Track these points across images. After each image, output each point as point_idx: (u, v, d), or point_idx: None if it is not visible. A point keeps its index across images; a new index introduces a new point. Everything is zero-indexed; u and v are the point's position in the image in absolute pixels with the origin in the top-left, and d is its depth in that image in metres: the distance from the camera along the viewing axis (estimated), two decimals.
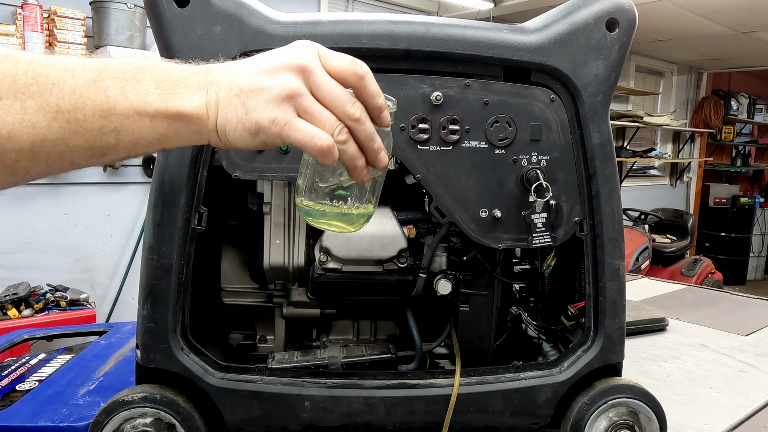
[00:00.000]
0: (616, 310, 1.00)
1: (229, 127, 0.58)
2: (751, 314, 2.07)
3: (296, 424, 0.96)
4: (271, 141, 0.59)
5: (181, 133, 0.57)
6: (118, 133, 0.53)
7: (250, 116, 0.57)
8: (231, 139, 0.59)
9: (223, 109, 0.58)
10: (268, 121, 0.57)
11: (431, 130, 0.94)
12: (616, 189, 0.99)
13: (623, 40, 0.96)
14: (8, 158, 0.48)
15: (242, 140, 0.59)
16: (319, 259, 1.04)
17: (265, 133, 0.57)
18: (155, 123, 0.55)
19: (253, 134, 0.58)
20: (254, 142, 0.59)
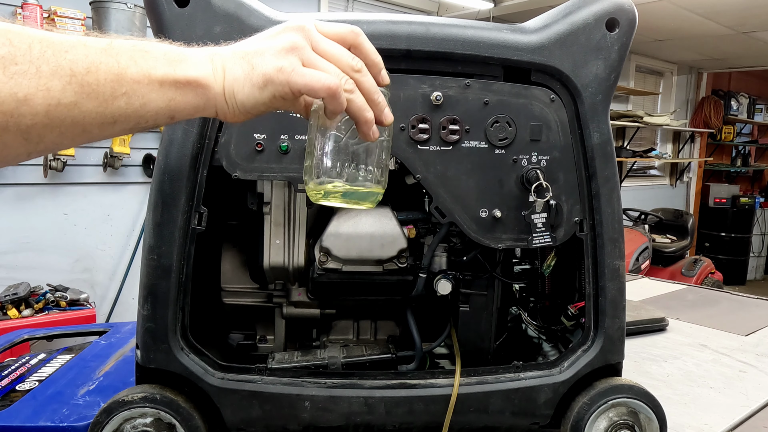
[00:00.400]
0: (616, 310, 1.00)
1: (237, 85, 0.59)
2: (751, 314, 2.07)
3: (296, 424, 0.96)
4: (280, 91, 0.59)
5: (189, 100, 0.58)
6: (128, 98, 0.54)
7: (257, 70, 0.59)
8: (240, 99, 0.59)
9: (230, 70, 0.59)
10: (275, 70, 0.58)
11: (431, 130, 0.94)
12: (616, 189, 0.99)
13: (623, 40, 0.96)
14: (24, 123, 0.49)
15: (251, 97, 0.59)
16: (319, 259, 1.04)
17: (272, 83, 0.58)
18: (164, 90, 0.56)
19: (261, 87, 0.59)
20: (263, 96, 0.59)
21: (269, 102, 0.60)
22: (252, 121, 0.92)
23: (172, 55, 0.58)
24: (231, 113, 0.61)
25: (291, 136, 0.92)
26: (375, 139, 0.64)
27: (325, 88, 0.59)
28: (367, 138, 0.63)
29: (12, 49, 0.48)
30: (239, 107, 0.60)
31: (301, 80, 0.58)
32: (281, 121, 0.92)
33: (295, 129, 0.93)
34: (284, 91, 0.59)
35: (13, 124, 0.48)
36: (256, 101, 0.60)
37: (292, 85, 0.59)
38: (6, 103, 0.47)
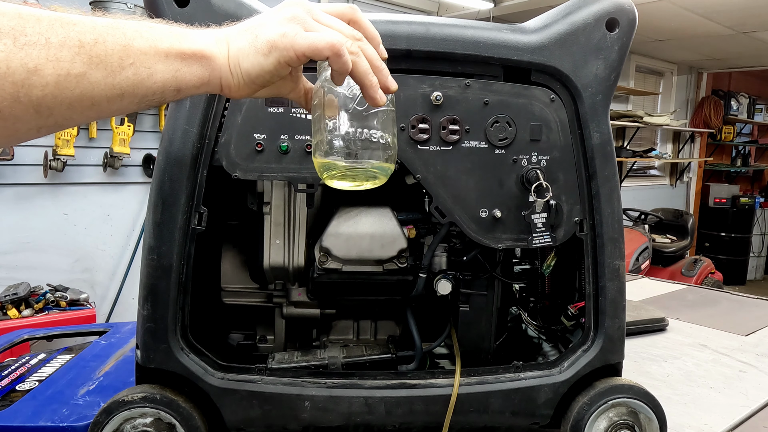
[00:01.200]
0: (616, 310, 1.00)
1: (242, 55, 0.60)
2: (751, 314, 2.07)
3: (296, 424, 0.96)
4: (285, 56, 0.60)
5: (195, 71, 0.59)
6: (135, 69, 0.55)
7: (260, 38, 0.60)
8: (245, 67, 0.60)
9: (234, 41, 0.61)
10: (278, 35, 0.60)
11: (431, 130, 0.94)
12: (616, 189, 0.99)
13: (623, 40, 0.96)
14: (34, 94, 0.49)
15: (256, 64, 0.60)
16: (319, 259, 1.04)
17: (277, 48, 0.60)
18: (169, 61, 0.57)
19: (266, 54, 0.60)
20: (268, 62, 0.60)
21: (274, 69, 0.61)
22: (252, 121, 0.92)
23: (177, 31, 0.60)
24: (236, 85, 0.62)
25: (291, 136, 0.92)
26: (383, 104, 0.64)
27: (329, 46, 0.60)
28: (374, 102, 0.64)
29: (21, 21, 0.49)
30: (244, 77, 0.61)
31: (305, 41, 0.60)
32: (281, 121, 0.92)
33: (295, 129, 0.93)
34: (289, 55, 0.60)
35: (24, 95, 0.49)
36: (262, 68, 0.61)
37: (296, 47, 0.60)
38: (17, 73, 0.48)
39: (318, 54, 0.60)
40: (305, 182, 0.94)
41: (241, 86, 0.62)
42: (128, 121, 3.25)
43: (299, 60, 0.61)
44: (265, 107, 0.92)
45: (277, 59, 0.60)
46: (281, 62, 0.61)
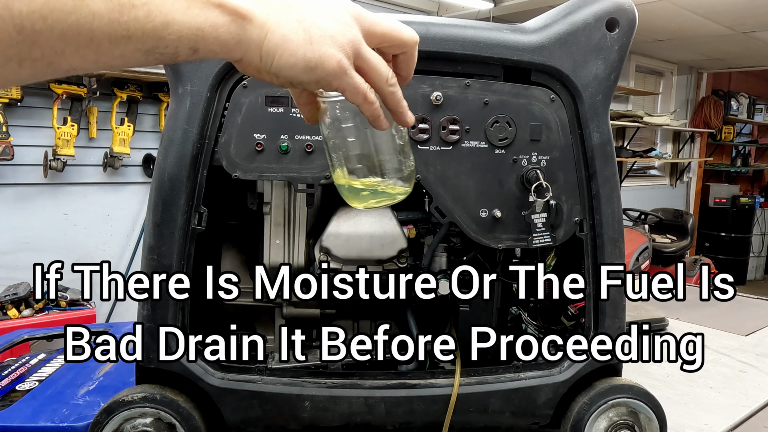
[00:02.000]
0: (616, 310, 1.00)
1: (285, 49, 0.52)
2: (751, 314, 2.07)
3: (296, 424, 0.96)
4: (324, 81, 0.54)
5: (221, 32, 0.49)
6: (149, 10, 0.45)
7: (314, 47, 0.53)
8: (280, 63, 0.52)
9: (280, 25, 0.52)
10: (335, 60, 0.53)
11: (431, 130, 0.94)
12: (616, 189, 0.99)
13: (623, 40, 0.96)
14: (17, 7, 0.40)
15: (294, 69, 0.53)
16: (319, 259, 1.04)
17: (324, 70, 0.53)
18: (194, 11, 0.47)
19: (311, 68, 0.53)
20: (306, 76, 0.54)
21: (306, 84, 0.55)
22: (252, 121, 0.92)
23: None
24: (254, 69, 0.54)
25: (291, 136, 0.93)
26: (411, 124, 0.64)
27: (365, 98, 0.57)
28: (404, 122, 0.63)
29: None
30: (272, 69, 0.53)
31: (351, 81, 0.55)
32: (281, 121, 0.92)
33: (295, 129, 0.93)
34: (328, 82, 0.55)
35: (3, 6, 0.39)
36: (296, 76, 0.54)
37: (340, 81, 0.55)
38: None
39: (354, 98, 0.57)
40: (305, 182, 0.94)
41: (260, 73, 0.54)
42: (128, 121, 3.25)
43: (332, 88, 0.56)
44: (265, 107, 0.92)
45: (318, 79, 0.54)
46: (318, 83, 0.55)
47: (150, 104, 3.41)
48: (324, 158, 0.93)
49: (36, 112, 3.03)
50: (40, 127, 3.04)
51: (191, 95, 0.90)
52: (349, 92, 0.56)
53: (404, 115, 0.63)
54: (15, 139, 2.90)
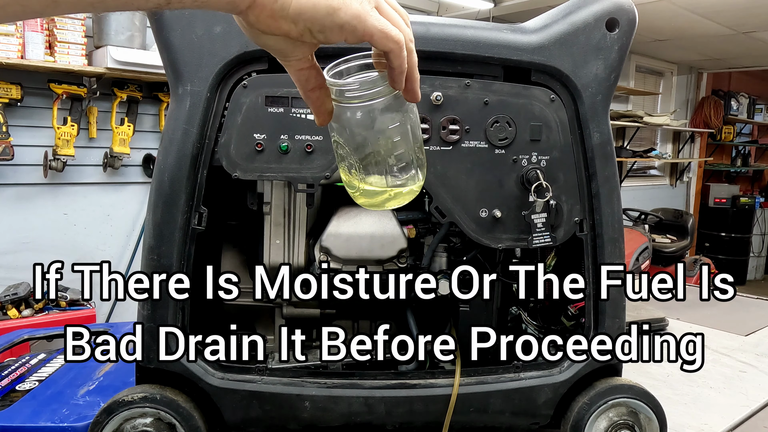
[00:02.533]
0: (616, 310, 1.00)
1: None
2: (751, 314, 2.07)
3: (296, 424, 0.96)
4: (349, 26, 0.50)
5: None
6: None
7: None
8: (298, 6, 0.47)
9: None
10: (357, 2, 0.49)
11: (431, 130, 0.94)
12: (616, 189, 0.99)
13: (623, 40, 0.96)
14: None
15: (316, 10, 0.48)
16: (319, 259, 1.04)
17: (347, 11, 0.49)
18: None
19: (334, 10, 0.48)
20: (328, 19, 0.49)
21: (329, 29, 0.49)
22: (252, 121, 0.92)
23: None
24: (268, 14, 0.47)
25: (291, 136, 0.92)
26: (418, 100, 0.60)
27: (398, 40, 0.52)
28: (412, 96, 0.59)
29: None
30: (290, 12, 0.48)
31: (378, 23, 0.50)
32: (281, 121, 0.92)
33: (295, 129, 0.93)
34: (353, 26, 0.49)
35: None
36: (317, 19, 0.48)
37: (367, 24, 0.50)
38: None
39: (384, 43, 0.51)
40: (305, 182, 0.94)
41: (275, 18, 0.48)
42: (128, 121, 3.25)
43: (357, 38, 0.50)
44: (265, 107, 0.92)
45: (341, 22, 0.49)
46: (343, 28, 0.49)
47: (150, 104, 3.41)
48: (324, 158, 0.93)
49: (36, 112, 3.03)
50: (40, 127, 3.04)
51: (191, 95, 0.90)
52: (377, 37, 0.51)
53: (416, 85, 0.58)
54: (15, 139, 2.91)
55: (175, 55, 0.89)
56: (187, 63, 0.89)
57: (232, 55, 0.89)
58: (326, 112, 0.57)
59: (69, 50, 2.91)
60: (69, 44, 2.92)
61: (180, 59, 0.89)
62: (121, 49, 2.98)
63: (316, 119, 0.58)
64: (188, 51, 0.88)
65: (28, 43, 2.81)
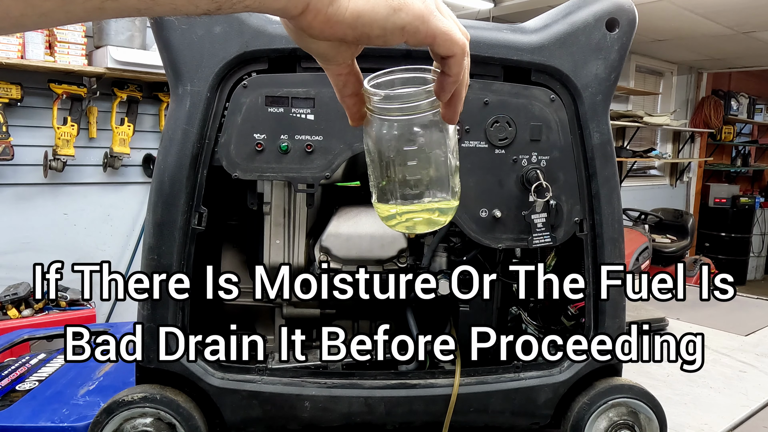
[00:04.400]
0: (616, 310, 1.00)
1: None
2: (751, 314, 2.07)
3: (296, 424, 0.96)
4: (412, 27, 0.47)
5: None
6: None
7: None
8: (356, 8, 0.44)
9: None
10: (420, 1, 0.46)
11: None
12: (616, 189, 0.99)
13: (623, 40, 0.96)
14: None
15: (375, 11, 0.45)
16: (319, 259, 1.04)
17: (410, 11, 0.46)
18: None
19: (394, 9, 0.45)
20: (390, 20, 0.45)
21: (389, 31, 0.46)
22: (252, 121, 0.92)
23: None
24: (323, 19, 0.44)
25: (291, 136, 0.92)
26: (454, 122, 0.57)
27: (462, 44, 0.49)
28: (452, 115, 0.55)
29: None
30: (347, 15, 0.44)
31: (442, 25, 0.47)
32: (281, 121, 0.92)
33: (295, 129, 0.93)
34: (415, 27, 0.46)
35: None
36: (377, 21, 0.45)
37: (430, 25, 0.47)
38: None
39: (448, 46, 0.48)
40: (305, 182, 0.94)
41: (330, 23, 0.44)
42: (128, 121, 3.25)
43: (419, 40, 0.47)
44: (265, 107, 0.92)
45: (403, 24, 0.46)
46: (404, 30, 0.46)
47: (150, 104, 3.41)
48: (324, 158, 0.93)
49: (36, 112, 3.03)
50: (40, 127, 3.04)
51: (191, 95, 0.90)
52: (440, 39, 0.48)
53: (460, 105, 0.55)
54: (15, 139, 2.91)
55: (175, 55, 0.89)
56: (187, 63, 0.89)
57: (232, 55, 0.89)
58: (360, 117, 0.55)
59: (69, 50, 2.91)
60: (69, 44, 2.92)
61: (180, 59, 0.89)
62: (121, 49, 2.98)
63: (350, 121, 0.56)
64: (188, 51, 0.88)
65: (28, 43, 2.81)
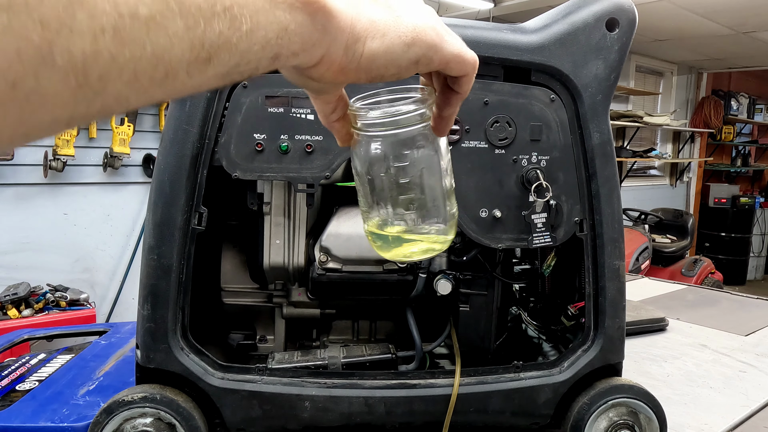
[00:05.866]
0: (616, 310, 1.00)
1: (376, 31, 0.45)
2: (751, 314, 2.07)
3: (296, 424, 0.96)
4: (426, 58, 0.47)
5: (303, 31, 0.41)
6: (232, 17, 0.35)
7: (404, 20, 0.46)
8: (372, 48, 0.45)
9: (365, 8, 0.45)
10: (428, 27, 0.47)
11: None
12: (616, 189, 0.99)
13: (623, 40, 0.96)
14: (77, 48, 0.28)
15: (390, 51, 0.45)
16: (319, 259, 1.04)
17: (423, 43, 0.46)
18: (276, 11, 0.39)
19: (408, 44, 0.46)
20: (405, 56, 0.46)
21: (405, 66, 0.47)
22: (252, 121, 0.92)
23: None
24: (338, 67, 0.45)
25: (291, 136, 0.92)
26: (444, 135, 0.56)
27: (474, 62, 0.50)
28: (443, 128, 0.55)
29: None
30: (364, 59, 0.45)
31: (454, 48, 0.48)
32: (281, 121, 0.92)
33: (295, 129, 0.93)
34: (430, 57, 0.47)
35: (62, 50, 0.27)
36: (392, 59, 0.46)
37: (444, 51, 0.48)
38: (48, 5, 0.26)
39: (461, 68, 0.49)
40: (305, 182, 0.94)
41: (346, 70, 0.45)
42: (128, 121, 3.25)
43: (431, 69, 0.49)
44: (265, 107, 0.92)
45: (417, 58, 0.47)
46: (418, 63, 0.47)
47: None
48: (324, 158, 0.93)
49: None
50: None
51: (191, 95, 0.90)
52: (453, 63, 0.49)
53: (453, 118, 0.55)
54: None
55: None
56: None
57: None
58: (348, 138, 0.55)
59: None
60: None
61: None
62: None
63: (338, 142, 0.56)
64: None
65: None
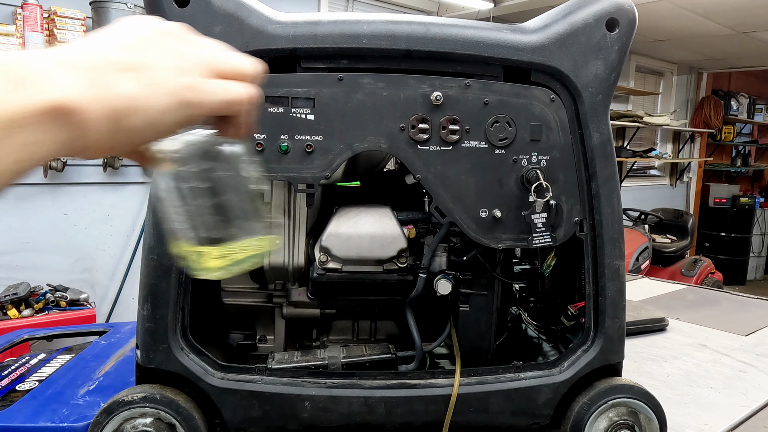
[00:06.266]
0: (616, 310, 1.00)
1: (133, 109, 0.43)
2: (751, 314, 2.07)
3: (296, 424, 0.96)
4: (192, 116, 0.46)
5: (54, 137, 0.40)
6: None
7: (160, 87, 0.44)
8: (134, 124, 0.43)
9: (115, 84, 0.42)
10: (183, 86, 0.45)
11: (431, 130, 0.94)
12: (616, 189, 0.99)
13: (623, 40, 0.96)
14: None
15: (154, 124, 0.44)
16: (319, 259, 1.04)
17: (183, 104, 0.45)
18: (12, 133, 0.38)
19: (168, 111, 0.44)
20: (170, 123, 0.45)
21: (172, 130, 0.46)
22: None
23: (13, 72, 0.38)
24: (100, 146, 0.43)
25: (291, 136, 0.92)
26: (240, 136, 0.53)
27: (247, 98, 0.48)
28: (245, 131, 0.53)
29: None
30: (126, 136, 0.43)
31: (216, 97, 0.47)
32: (281, 121, 0.92)
33: (295, 129, 0.93)
34: (193, 114, 0.46)
35: None
36: (158, 130, 0.45)
37: (207, 105, 0.46)
38: None
39: (231, 110, 0.48)
40: (305, 182, 0.94)
41: (108, 148, 0.44)
42: None
43: (201, 119, 0.47)
44: (265, 107, 0.92)
45: (181, 119, 0.45)
46: (183, 123, 0.45)
47: None
48: (324, 158, 0.93)
49: None
50: None
51: None
52: (223, 110, 0.48)
53: (245, 118, 0.52)
54: None
55: None
56: None
57: None
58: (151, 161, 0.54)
59: None
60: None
61: None
62: None
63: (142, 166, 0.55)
64: None
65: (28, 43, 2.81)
